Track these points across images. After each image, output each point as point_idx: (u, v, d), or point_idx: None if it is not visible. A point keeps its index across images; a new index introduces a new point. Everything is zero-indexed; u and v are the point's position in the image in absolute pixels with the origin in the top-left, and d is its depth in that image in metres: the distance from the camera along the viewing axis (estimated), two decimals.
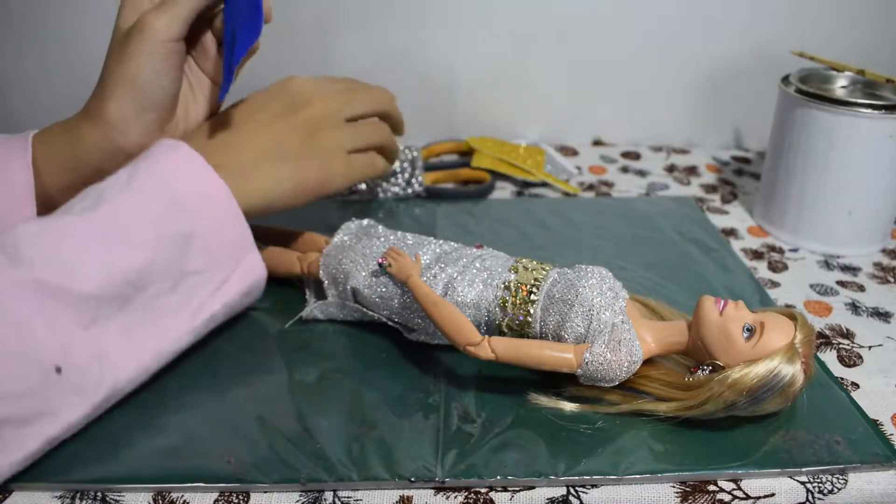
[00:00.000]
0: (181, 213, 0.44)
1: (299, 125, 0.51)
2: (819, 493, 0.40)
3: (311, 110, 0.52)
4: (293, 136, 0.51)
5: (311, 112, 0.52)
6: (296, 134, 0.51)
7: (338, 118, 0.53)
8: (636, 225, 0.68)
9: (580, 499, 0.40)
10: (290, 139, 0.51)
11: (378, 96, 0.57)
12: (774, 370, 0.40)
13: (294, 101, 0.52)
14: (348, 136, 0.53)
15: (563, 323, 0.44)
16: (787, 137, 0.64)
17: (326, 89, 0.54)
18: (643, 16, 0.82)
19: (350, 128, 0.54)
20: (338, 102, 0.53)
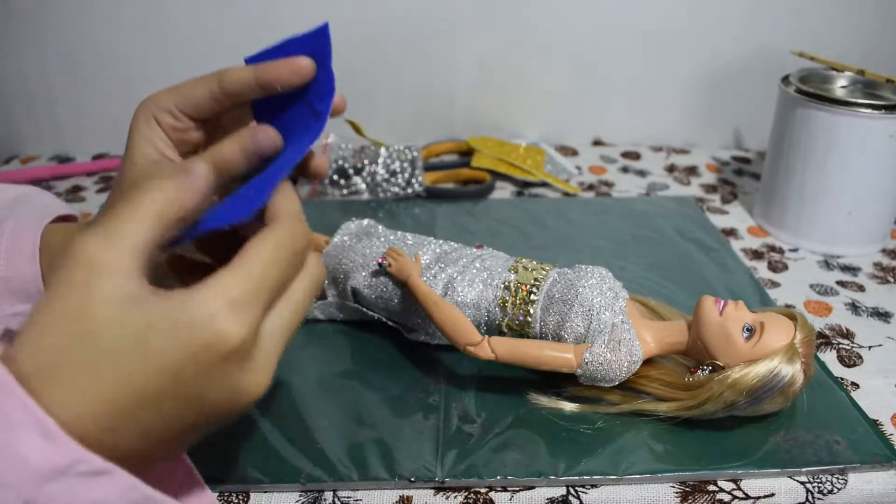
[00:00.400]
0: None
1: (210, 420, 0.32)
2: (819, 493, 0.40)
3: (242, 406, 0.31)
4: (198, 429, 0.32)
5: (244, 408, 0.32)
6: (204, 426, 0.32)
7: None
8: (636, 225, 0.68)
9: (580, 499, 0.40)
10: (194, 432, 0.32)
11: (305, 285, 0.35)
12: (774, 370, 0.40)
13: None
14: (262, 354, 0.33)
15: (562, 323, 0.44)
16: (787, 137, 0.64)
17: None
18: (643, 16, 0.82)
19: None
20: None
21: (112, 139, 0.86)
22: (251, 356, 0.30)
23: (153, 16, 0.80)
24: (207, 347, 0.29)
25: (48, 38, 0.81)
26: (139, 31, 0.81)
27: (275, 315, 0.32)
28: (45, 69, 0.82)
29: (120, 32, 0.81)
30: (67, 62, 0.82)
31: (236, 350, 0.29)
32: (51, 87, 0.84)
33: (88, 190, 0.77)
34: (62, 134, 0.86)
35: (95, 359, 0.29)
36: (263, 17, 0.81)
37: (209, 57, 0.82)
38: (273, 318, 0.32)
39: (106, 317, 0.29)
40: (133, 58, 0.82)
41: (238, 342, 0.29)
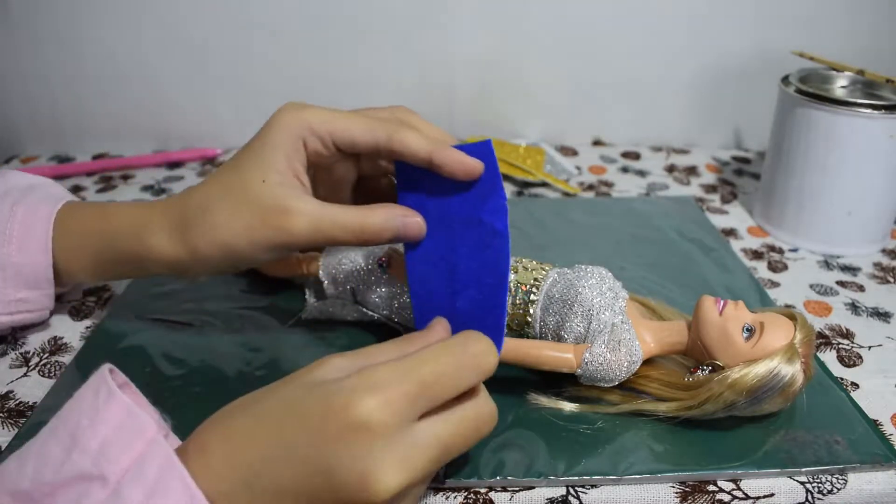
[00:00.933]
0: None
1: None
2: (819, 494, 0.40)
3: (358, 499, 0.30)
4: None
5: (358, 501, 0.31)
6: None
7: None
8: (636, 225, 0.68)
9: (580, 499, 0.40)
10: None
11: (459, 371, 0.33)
12: (774, 370, 0.40)
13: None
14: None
15: (562, 323, 0.44)
16: (787, 137, 0.64)
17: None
18: (643, 16, 0.82)
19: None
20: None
21: (112, 139, 0.86)
22: (385, 442, 0.29)
23: (153, 16, 0.80)
24: (340, 413, 0.29)
25: (48, 39, 0.81)
26: (139, 31, 0.81)
27: (432, 422, 0.31)
28: (45, 69, 0.82)
29: (120, 32, 0.81)
30: (67, 62, 0.82)
31: (365, 424, 0.29)
32: (51, 87, 0.84)
33: (88, 190, 0.78)
34: (62, 134, 0.86)
35: (247, 418, 0.31)
36: (264, 18, 0.81)
37: (209, 57, 0.82)
38: (429, 424, 0.31)
39: (293, 386, 0.32)
40: (133, 58, 0.82)
41: (367, 415, 0.29)
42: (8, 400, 0.46)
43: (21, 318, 0.50)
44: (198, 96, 0.84)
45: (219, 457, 0.30)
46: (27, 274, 0.48)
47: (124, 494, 0.28)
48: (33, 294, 0.49)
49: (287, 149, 0.40)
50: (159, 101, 0.84)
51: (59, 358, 0.50)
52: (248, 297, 0.56)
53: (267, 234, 0.39)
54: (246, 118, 0.84)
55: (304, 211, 0.39)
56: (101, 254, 0.47)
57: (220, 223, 0.40)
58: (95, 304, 0.56)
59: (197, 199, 0.42)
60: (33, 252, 0.47)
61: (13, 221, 0.47)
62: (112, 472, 0.29)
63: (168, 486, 0.29)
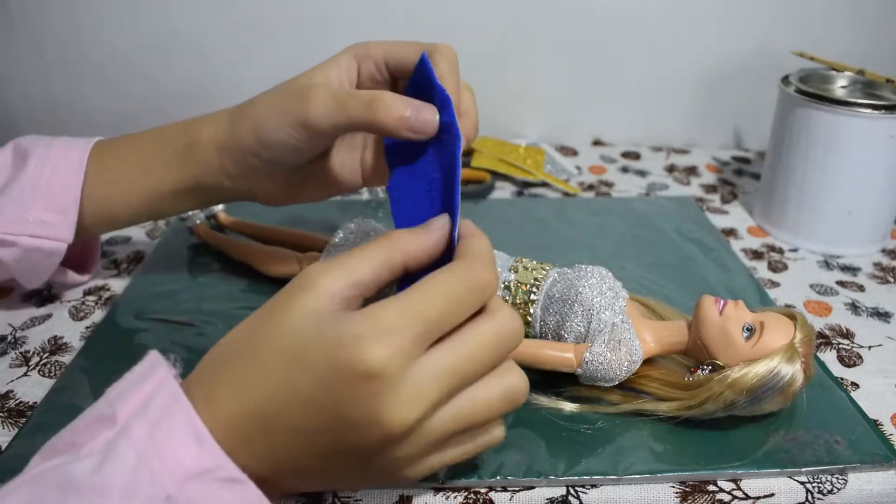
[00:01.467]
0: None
1: (358, 457, 0.32)
2: (819, 493, 0.40)
3: (381, 435, 0.30)
4: (347, 467, 0.32)
5: (384, 440, 0.30)
6: (352, 465, 0.32)
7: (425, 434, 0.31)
8: (636, 225, 0.68)
9: (580, 499, 0.40)
10: (342, 468, 0.33)
11: (511, 387, 0.33)
12: (774, 370, 0.40)
13: (359, 418, 0.30)
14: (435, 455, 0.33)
15: (562, 322, 0.44)
16: (787, 137, 0.64)
17: (419, 390, 0.30)
18: (643, 15, 0.82)
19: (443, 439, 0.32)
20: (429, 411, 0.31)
21: None
22: (393, 385, 0.29)
23: (153, 16, 0.80)
24: (348, 365, 0.29)
25: (48, 39, 0.81)
26: (139, 30, 0.81)
27: (436, 352, 0.31)
28: (45, 69, 0.82)
29: (120, 32, 0.81)
30: (67, 62, 0.82)
31: (375, 374, 0.29)
32: (51, 87, 0.84)
33: None
34: (62, 134, 0.86)
35: (249, 366, 0.32)
36: (264, 18, 0.81)
37: (209, 56, 0.82)
38: (433, 354, 0.30)
39: (287, 324, 0.31)
40: (133, 58, 0.82)
41: (376, 366, 0.29)
42: (8, 400, 0.46)
43: (39, 243, 0.49)
44: (198, 96, 0.84)
45: (227, 406, 0.31)
46: (56, 194, 0.49)
47: (129, 429, 0.29)
48: (56, 218, 0.49)
49: (341, 65, 0.44)
50: (159, 101, 0.84)
51: (59, 358, 0.50)
52: (248, 297, 0.56)
53: (291, 109, 0.42)
54: None
55: (326, 87, 0.42)
56: (148, 154, 0.49)
57: (257, 106, 0.44)
58: (95, 304, 0.56)
59: (250, 100, 0.46)
60: (66, 172, 0.49)
61: (52, 148, 0.50)
62: (123, 410, 0.30)
63: (172, 419, 0.29)
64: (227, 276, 0.59)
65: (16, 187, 0.49)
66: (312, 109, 0.41)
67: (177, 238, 0.65)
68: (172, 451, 0.29)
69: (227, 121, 0.46)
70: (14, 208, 0.48)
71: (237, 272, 0.59)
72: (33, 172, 0.49)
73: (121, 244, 0.66)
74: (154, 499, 0.28)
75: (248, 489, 0.29)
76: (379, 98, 0.39)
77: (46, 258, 0.50)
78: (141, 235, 0.67)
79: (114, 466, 0.28)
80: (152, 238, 0.67)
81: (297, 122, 0.42)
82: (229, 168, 0.46)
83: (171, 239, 0.65)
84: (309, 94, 0.41)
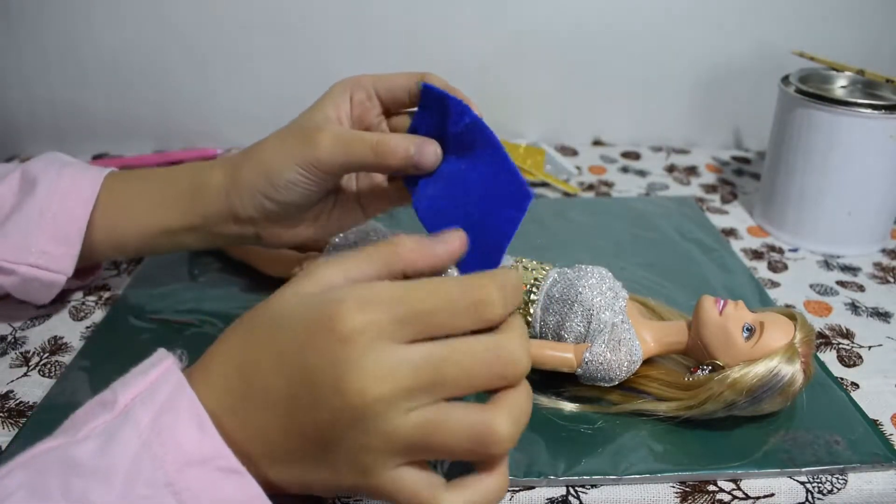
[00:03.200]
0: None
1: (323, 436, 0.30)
2: (819, 493, 0.40)
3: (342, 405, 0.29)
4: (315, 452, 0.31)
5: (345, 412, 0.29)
6: (319, 449, 0.31)
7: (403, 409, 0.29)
8: (636, 225, 0.68)
9: (580, 499, 0.40)
10: (311, 454, 0.31)
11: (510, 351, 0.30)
12: (774, 370, 0.40)
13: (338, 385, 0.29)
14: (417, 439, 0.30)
15: (562, 323, 0.44)
16: (787, 137, 0.64)
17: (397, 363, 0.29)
18: (643, 16, 0.82)
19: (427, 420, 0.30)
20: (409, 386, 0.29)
21: (112, 139, 0.86)
22: (363, 355, 0.29)
23: (153, 16, 0.80)
24: (323, 323, 0.29)
25: (48, 38, 0.81)
26: (139, 30, 0.81)
27: (421, 345, 0.30)
28: (45, 69, 0.82)
29: (120, 32, 0.81)
30: (67, 62, 0.82)
31: (346, 336, 0.29)
32: (51, 87, 0.84)
33: None
34: (62, 134, 0.86)
35: (239, 336, 0.33)
36: (264, 18, 0.81)
37: (210, 57, 0.82)
38: (417, 346, 0.30)
39: (281, 299, 0.32)
40: (133, 58, 0.82)
41: (349, 329, 0.29)
42: (8, 400, 0.46)
43: (38, 273, 0.49)
44: (198, 96, 0.84)
45: (217, 374, 0.32)
46: (61, 225, 0.49)
47: (134, 415, 0.29)
48: (59, 250, 0.49)
49: (336, 99, 0.46)
50: (159, 101, 0.84)
51: (59, 358, 0.50)
52: (248, 297, 0.56)
53: (297, 147, 0.43)
54: (246, 118, 0.85)
55: (331, 129, 0.43)
56: (156, 191, 0.49)
57: (265, 150, 0.45)
58: (95, 304, 0.56)
59: (255, 144, 0.47)
60: (74, 204, 0.49)
61: (62, 177, 0.50)
62: (124, 396, 0.30)
63: (176, 406, 0.29)
64: (227, 276, 0.59)
65: (22, 214, 0.48)
66: (320, 152, 0.43)
67: None
68: (174, 437, 0.29)
69: (235, 165, 0.47)
70: (18, 236, 0.48)
71: (237, 272, 0.59)
72: (41, 200, 0.48)
73: None
74: (154, 484, 0.28)
75: (247, 482, 0.29)
76: (383, 141, 0.41)
77: (45, 288, 0.51)
78: None
79: (117, 450, 0.28)
80: None
81: (305, 163, 0.43)
82: (238, 211, 0.47)
83: None
84: (315, 137, 0.43)
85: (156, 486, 0.28)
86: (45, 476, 0.28)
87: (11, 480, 0.28)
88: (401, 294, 0.30)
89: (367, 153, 0.42)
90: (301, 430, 0.30)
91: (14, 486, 0.28)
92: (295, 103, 0.48)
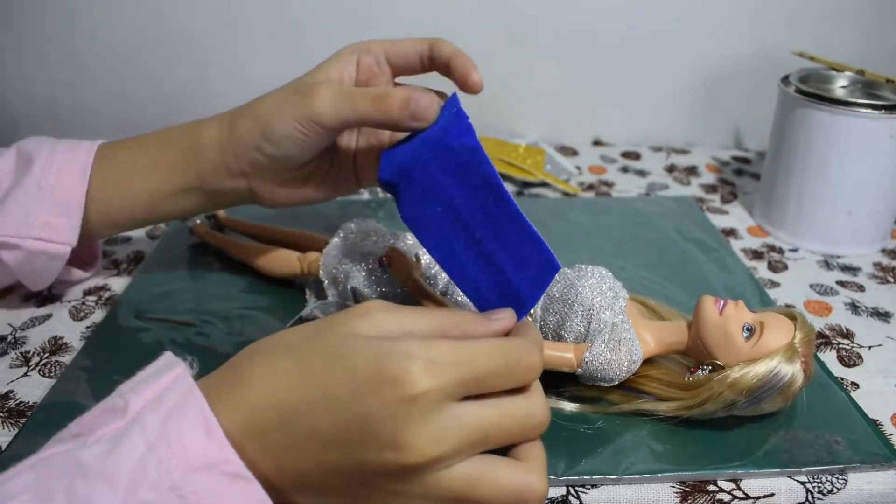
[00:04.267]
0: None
1: (363, 482, 0.31)
2: (819, 493, 0.40)
3: (396, 461, 0.30)
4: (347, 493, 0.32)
5: (395, 468, 0.30)
6: (352, 492, 0.32)
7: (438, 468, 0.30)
8: (636, 225, 0.68)
9: (580, 499, 0.40)
10: (342, 493, 0.32)
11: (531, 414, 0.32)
12: (774, 370, 0.40)
13: (377, 434, 0.30)
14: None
15: (562, 322, 0.44)
16: (787, 137, 0.64)
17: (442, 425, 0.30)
18: (643, 15, 0.82)
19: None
20: (449, 444, 0.30)
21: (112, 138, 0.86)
22: (426, 414, 0.29)
23: (153, 16, 0.80)
24: (390, 377, 0.29)
25: (48, 38, 0.81)
26: (139, 30, 0.81)
27: (471, 405, 0.31)
28: (45, 69, 0.82)
29: (120, 32, 0.81)
30: (67, 62, 0.82)
31: (413, 396, 0.29)
32: (51, 87, 0.84)
33: None
34: (62, 134, 0.86)
35: (290, 360, 0.31)
36: (264, 17, 0.81)
37: (210, 56, 0.82)
38: (468, 405, 0.31)
39: (338, 334, 0.32)
40: (133, 58, 0.82)
41: (418, 388, 0.29)
42: (8, 400, 0.46)
43: (43, 246, 0.49)
44: (198, 96, 0.84)
45: (258, 393, 0.31)
46: (60, 197, 0.49)
47: (142, 420, 0.29)
48: (60, 221, 0.49)
49: (341, 61, 0.45)
50: (159, 101, 0.84)
51: (59, 358, 0.50)
52: (248, 297, 0.56)
53: (295, 104, 0.43)
54: None
55: (330, 85, 0.43)
56: (152, 154, 0.49)
57: (262, 104, 0.45)
58: (95, 304, 0.56)
59: (254, 99, 0.47)
60: (71, 175, 0.49)
61: (56, 151, 0.50)
62: (135, 402, 0.30)
63: (185, 411, 0.29)
64: (227, 276, 0.59)
65: (20, 190, 0.49)
66: (319, 106, 0.42)
67: (177, 238, 0.65)
68: (181, 441, 0.29)
69: (231, 119, 0.47)
70: (18, 211, 0.48)
71: (237, 272, 0.59)
72: (38, 176, 0.49)
73: (121, 244, 0.66)
74: (159, 488, 0.28)
75: (253, 488, 0.29)
76: (384, 92, 0.41)
77: (50, 261, 0.51)
78: (141, 235, 0.67)
79: (123, 454, 0.28)
80: (152, 238, 0.67)
81: (303, 118, 0.43)
82: (232, 165, 0.47)
83: (171, 239, 0.65)
84: (315, 90, 0.42)
85: (161, 490, 0.28)
86: (51, 478, 0.28)
87: (18, 482, 0.28)
88: (467, 356, 0.31)
89: (366, 104, 0.41)
90: (342, 469, 0.31)
91: (20, 488, 0.28)
92: None
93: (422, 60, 0.45)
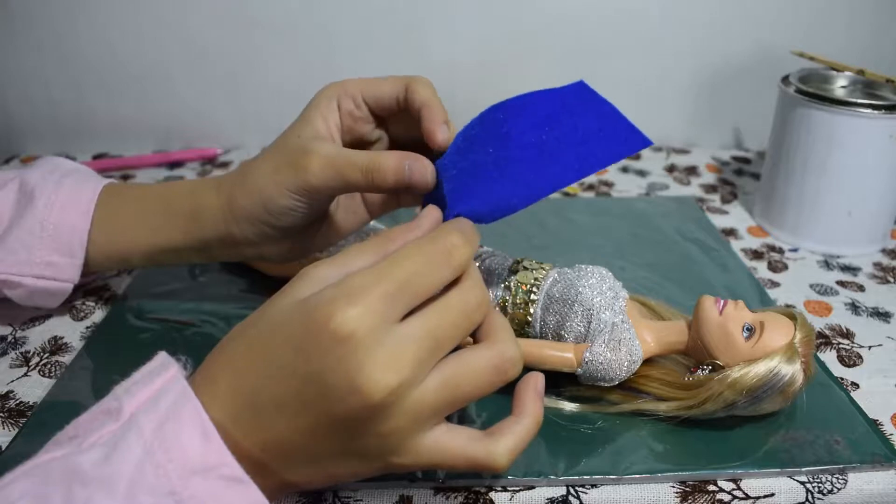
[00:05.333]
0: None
1: (343, 434, 0.31)
2: (819, 493, 0.40)
3: (362, 402, 0.30)
4: (335, 450, 0.32)
5: (366, 409, 0.30)
6: (339, 447, 0.32)
7: (402, 396, 0.30)
8: (636, 225, 0.68)
9: (580, 499, 0.40)
10: (331, 451, 0.32)
11: (468, 306, 0.33)
12: (774, 369, 0.40)
13: (327, 385, 0.30)
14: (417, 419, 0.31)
15: (563, 322, 0.44)
16: (787, 137, 0.64)
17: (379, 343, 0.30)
18: (643, 16, 0.82)
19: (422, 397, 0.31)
20: (404, 371, 0.30)
21: (112, 139, 0.86)
22: (368, 347, 0.29)
23: (153, 16, 0.80)
24: (320, 327, 0.30)
25: (48, 38, 0.81)
26: (139, 30, 0.81)
27: (411, 319, 0.31)
28: (45, 69, 0.82)
29: (120, 32, 0.81)
30: (67, 62, 0.82)
31: (347, 333, 0.29)
32: (51, 87, 0.84)
33: None
34: (62, 134, 0.86)
35: (240, 346, 0.32)
36: (264, 18, 0.81)
37: (210, 57, 0.82)
38: (409, 321, 0.31)
39: (277, 305, 0.32)
40: (133, 58, 0.82)
41: (347, 325, 0.29)
42: (8, 400, 0.46)
43: (45, 284, 0.49)
44: (198, 96, 0.84)
45: (223, 385, 0.32)
46: (63, 237, 0.49)
47: (138, 423, 0.29)
48: (63, 260, 0.49)
49: (323, 109, 0.44)
50: (159, 101, 0.84)
51: (59, 358, 0.50)
52: (248, 297, 0.56)
53: (289, 174, 0.42)
54: (246, 118, 0.85)
55: (321, 152, 0.42)
56: (155, 214, 0.48)
57: (255, 172, 0.44)
58: (95, 304, 0.56)
59: (245, 163, 0.46)
60: (74, 215, 0.49)
61: (61, 188, 0.49)
62: (129, 404, 0.30)
63: (181, 415, 0.29)
64: (227, 276, 0.59)
65: (23, 228, 0.48)
66: (311, 179, 0.41)
67: None
68: (179, 445, 0.29)
69: (229, 192, 0.46)
70: (20, 249, 0.48)
71: (237, 272, 0.59)
72: (41, 213, 0.48)
73: None
74: (157, 493, 0.28)
75: (251, 491, 0.29)
76: (374, 165, 0.40)
77: (52, 296, 0.51)
78: None
79: (121, 459, 0.28)
80: None
81: (298, 189, 0.42)
82: (236, 235, 0.46)
83: None
84: (305, 162, 0.41)
85: (159, 495, 0.28)
86: (49, 485, 0.28)
87: (14, 489, 0.28)
88: (380, 272, 0.31)
89: (358, 178, 0.41)
90: (320, 430, 0.31)
91: (17, 495, 0.28)
92: (295, 102, 0.48)
93: (398, 103, 0.44)
